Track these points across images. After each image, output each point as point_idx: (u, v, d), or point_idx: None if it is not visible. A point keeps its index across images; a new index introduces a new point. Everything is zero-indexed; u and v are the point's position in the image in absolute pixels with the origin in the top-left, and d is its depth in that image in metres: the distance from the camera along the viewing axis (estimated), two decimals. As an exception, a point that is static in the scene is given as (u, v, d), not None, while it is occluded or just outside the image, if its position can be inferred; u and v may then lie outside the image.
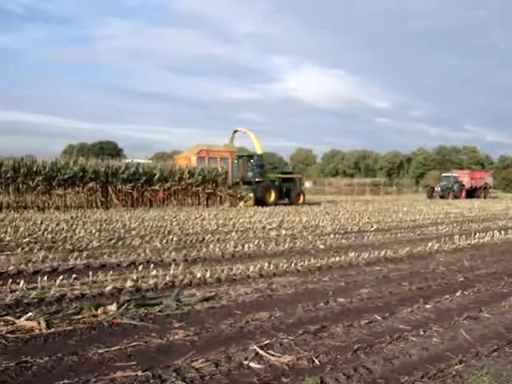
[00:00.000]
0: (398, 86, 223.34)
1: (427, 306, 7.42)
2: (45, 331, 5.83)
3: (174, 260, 10.56)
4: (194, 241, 13.78)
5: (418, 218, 23.87)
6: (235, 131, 41.32)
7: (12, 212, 23.09)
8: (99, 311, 6.50)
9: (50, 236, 13.92)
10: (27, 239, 13.16)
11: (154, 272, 9.01)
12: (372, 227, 18.80)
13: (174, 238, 13.87)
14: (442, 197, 55.68)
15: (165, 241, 13.50)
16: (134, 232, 15.39)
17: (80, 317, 6.33)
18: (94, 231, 15.21)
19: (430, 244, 13.84)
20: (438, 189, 57.91)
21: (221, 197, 33.10)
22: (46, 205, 26.38)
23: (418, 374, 4.88)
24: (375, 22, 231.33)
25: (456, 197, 56.66)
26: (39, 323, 5.94)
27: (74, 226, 16.61)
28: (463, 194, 59.23)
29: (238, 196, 33.51)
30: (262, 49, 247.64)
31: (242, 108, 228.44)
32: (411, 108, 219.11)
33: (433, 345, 5.73)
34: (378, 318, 6.73)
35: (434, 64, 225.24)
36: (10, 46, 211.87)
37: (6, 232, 14.50)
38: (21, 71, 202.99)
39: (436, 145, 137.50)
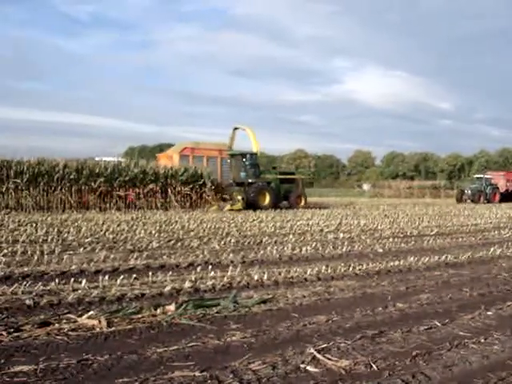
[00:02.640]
0: (461, 87, 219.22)
1: (488, 313, 7.25)
2: (105, 330, 5.95)
3: (232, 262, 10.63)
4: (251, 243, 13.84)
5: (480, 222, 23.31)
6: (235, 129, 36.78)
7: (74, 212, 23.68)
8: (158, 311, 6.59)
9: (111, 236, 14.22)
10: (89, 239, 13.48)
11: (212, 273, 9.09)
12: (432, 231, 18.47)
13: (232, 240, 13.96)
14: (472, 201, 50.50)
15: (223, 242, 13.61)
16: (192, 233, 15.57)
17: (140, 316, 6.44)
18: (153, 232, 15.46)
19: (492, 249, 13.49)
20: (468, 192, 52.35)
21: (203, 199, 30.59)
22: (108, 206, 26.96)
23: (477, 382, 4.78)
24: (438, 22, 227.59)
25: (488, 201, 50.80)
26: (100, 322, 6.07)
27: (134, 227, 16.92)
28: (496, 197, 52.77)
29: (224, 198, 30.95)
30: (323, 51, 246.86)
31: (302, 110, 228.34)
32: (473, 109, 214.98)
33: (494, 353, 5.59)
34: (438, 324, 6.61)
35: (499, 65, 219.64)
36: (76, 51, 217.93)
37: (68, 232, 14.89)
38: (85, 76, 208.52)
39: (499, 147, 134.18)
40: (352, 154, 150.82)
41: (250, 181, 31.09)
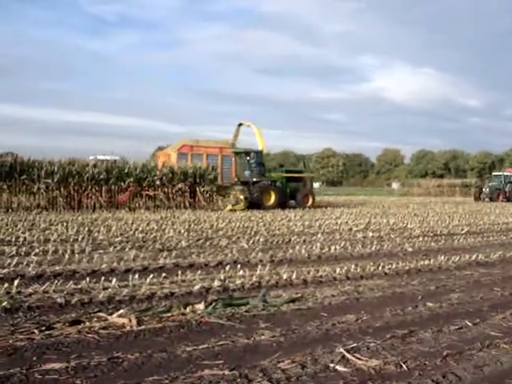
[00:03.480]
0: (490, 84, 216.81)
1: (521, 313, 7.15)
2: (135, 328, 6.00)
3: (261, 261, 10.64)
4: (280, 242, 13.83)
5: (511, 221, 23.01)
6: (239, 125, 35.31)
7: (104, 212, 23.91)
8: (188, 310, 6.63)
9: (140, 235, 14.33)
10: (119, 238, 13.60)
11: (241, 272, 9.11)
12: (462, 230, 18.28)
13: (261, 239, 13.97)
14: (490, 199, 48.31)
15: (251, 241, 13.62)
16: (221, 232, 15.61)
17: (169, 315, 6.47)
18: (182, 231, 15.54)
19: (524, 248, 13.32)
20: (486, 190, 50.27)
21: (196, 199, 29.08)
22: (137, 205, 27.15)
23: (509, 382, 4.73)
24: (466, 18, 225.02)
25: (508, 199, 48.17)
26: (130, 320, 6.12)
27: (163, 226, 17.02)
28: None
29: (225, 198, 29.50)
30: (350, 48, 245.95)
31: (329, 108, 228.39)
32: (503, 106, 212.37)
33: (526, 353, 5.51)
34: (469, 323, 6.54)
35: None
36: (103, 52, 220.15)
37: (99, 231, 15.05)
38: (113, 76, 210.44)
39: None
40: (380, 153, 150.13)
41: (254, 179, 30.20)
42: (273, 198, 29.76)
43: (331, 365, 4.98)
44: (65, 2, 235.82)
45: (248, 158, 31.07)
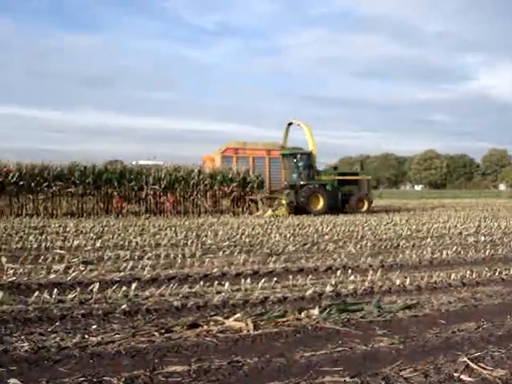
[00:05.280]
0: None
1: None
2: (252, 332, 6.04)
3: (371, 266, 10.47)
4: (388, 246, 13.59)
5: None
6: (289, 124, 32.56)
7: (209, 217, 24.38)
8: (302, 315, 6.60)
9: (247, 240, 14.49)
10: (227, 243, 13.81)
11: (352, 277, 9.00)
12: None
13: (368, 244, 13.79)
14: None
15: (359, 246, 13.47)
16: (326, 237, 15.54)
17: (284, 320, 6.47)
18: (288, 236, 15.59)
19: None
20: None
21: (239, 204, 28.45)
22: (240, 210, 27.53)
23: None
24: None
25: None
26: (247, 324, 6.17)
27: (268, 231, 17.14)
28: None
29: (266, 202, 28.26)
30: (451, 48, 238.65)
31: (431, 109, 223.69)
32: None
33: None
34: None
35: None
36: (203, 60, 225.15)
37: (206, 235, 15.37)
38: (214, 84, 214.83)
39: None
40: (486, 153, 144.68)
41: (301, 183, 28.68)
42: (321, 203, 28.33)
43: (455, 374, 4.80)
44: (168, 13, 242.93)
45: (295, 160, 29.49)
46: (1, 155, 26.38)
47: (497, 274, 9.74)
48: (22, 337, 5.86)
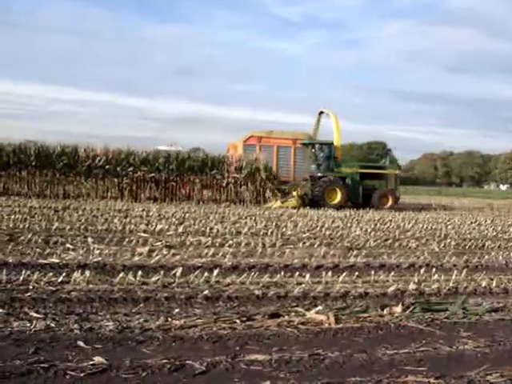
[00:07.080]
0: None
1: None
2: (333, 326, 5.99)
3: (455, 265, 10.18)
4: (472, 246, 13.20)
5: None
6: (321, 113, 30.49)
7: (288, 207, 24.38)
8: (385, 311, 6.50)
9: (327, 232, 14.39)
10: (306, 234, 13.78)
11: (436, 276, 8.77)
12: None
13: (452, 243, 13.44)
14: None
15: (442, 245, 13.15)
16: (408, 233, 15.23)
17: (366, 315, 6.39)
18: (368, 230, 15.39)
19: None
20: None
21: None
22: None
23: None
24: None
25: None
26: (328, 317, 6.12)
27: (348, 224, 16.98)
28: None
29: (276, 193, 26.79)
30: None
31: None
32: None
33: None
34: None
35: None
36: (287, 52, 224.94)
37: (286, 226, 15.35)
38: (297, 76, 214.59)
39: None
40: None
41: (319, 174, 26.95)
42: (339, 196, 26.33)
43: (545, 382, 4.61)
44: (254, 5, 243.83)
45: (314, 151, 27.89)
46: (90, 140, 27.20)
47: None
48: (107, 316, 6.04)
